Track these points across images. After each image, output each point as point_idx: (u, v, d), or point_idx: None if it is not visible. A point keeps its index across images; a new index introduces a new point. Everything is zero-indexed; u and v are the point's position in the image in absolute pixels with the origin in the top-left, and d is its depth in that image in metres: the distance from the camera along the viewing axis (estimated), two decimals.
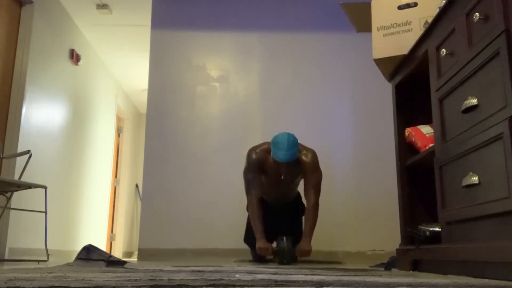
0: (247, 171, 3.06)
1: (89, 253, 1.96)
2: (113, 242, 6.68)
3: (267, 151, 3.02)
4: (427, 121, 2.13)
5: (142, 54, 5.46)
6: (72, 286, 0.94)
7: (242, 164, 3.19)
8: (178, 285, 0.98)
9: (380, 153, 3.94)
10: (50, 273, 1.37)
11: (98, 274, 1.32)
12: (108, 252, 3.89)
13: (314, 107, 4.13)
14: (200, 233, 3.87)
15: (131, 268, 1.68)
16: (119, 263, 1.91)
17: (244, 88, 4.20)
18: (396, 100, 2.37)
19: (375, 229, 3.83)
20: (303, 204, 3.27)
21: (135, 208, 7.45)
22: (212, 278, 1.17)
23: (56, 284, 0.97)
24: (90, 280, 1.08)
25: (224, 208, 3.89)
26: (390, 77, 2.42)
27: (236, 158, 3.95)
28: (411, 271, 1.97)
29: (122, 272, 1.42)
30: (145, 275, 1.26)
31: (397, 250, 2.23)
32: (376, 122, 4.04)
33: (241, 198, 3.48)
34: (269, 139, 3.98)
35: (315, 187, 3.00)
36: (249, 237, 3.27)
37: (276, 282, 1.07)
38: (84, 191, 5.28)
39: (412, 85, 2.29)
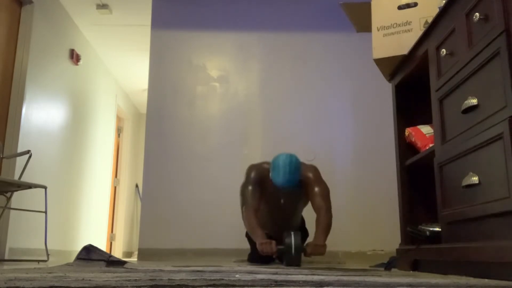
0: (246, 186, 2.78)
1: (89, 253, 1.96)
2: (113, 242, 6.67)
3: (267, 171, 2.76)
4: (427, 121, 2.13)
5: (142, 54, 5.45)
6: (72, 286, 0.94)
7: (242, 163, 3.17)
8: (178, 285, 0.98)
9: (380, 153, 3.94)
10: (50, 273, 1.37)
11: (98, 274, 1.32)
12: (108, 252, 3.89)
13: (314, 107, 4.13)
14: (200, 233, 3.87)
15: (131, 268, 1.68)
16: (119, 263, 1.91)
17: (244, 88, 4.20)
18: (396, 100, 2.37)
19: (375, 229, 3.83)
20: (306, 230, 3.07)
21: (135, 208, 7.45)
22: (212, 278, 1.17)
23: (56, 284, 0.97)
24: (90, 280, 1.08)
25: (224, 208, 3.89)
26: (390, 77, 2.42)
27: (236, 158, 3.95)
28: (411, 271, 1.97)
29: (122, 272, 1.42)
30: (145, 275, 1.26)
31: (397, 250, 2.23)
32: (376, 122, 4.04)
33: None
34: (269, 139, 4.01)
35: (324, 198, 2.66)
36: (254, 255, 3.01)
37: (276, 282, 1.07)
38: (84, 191, 5.28)
39: (412, 85, 2.29)
